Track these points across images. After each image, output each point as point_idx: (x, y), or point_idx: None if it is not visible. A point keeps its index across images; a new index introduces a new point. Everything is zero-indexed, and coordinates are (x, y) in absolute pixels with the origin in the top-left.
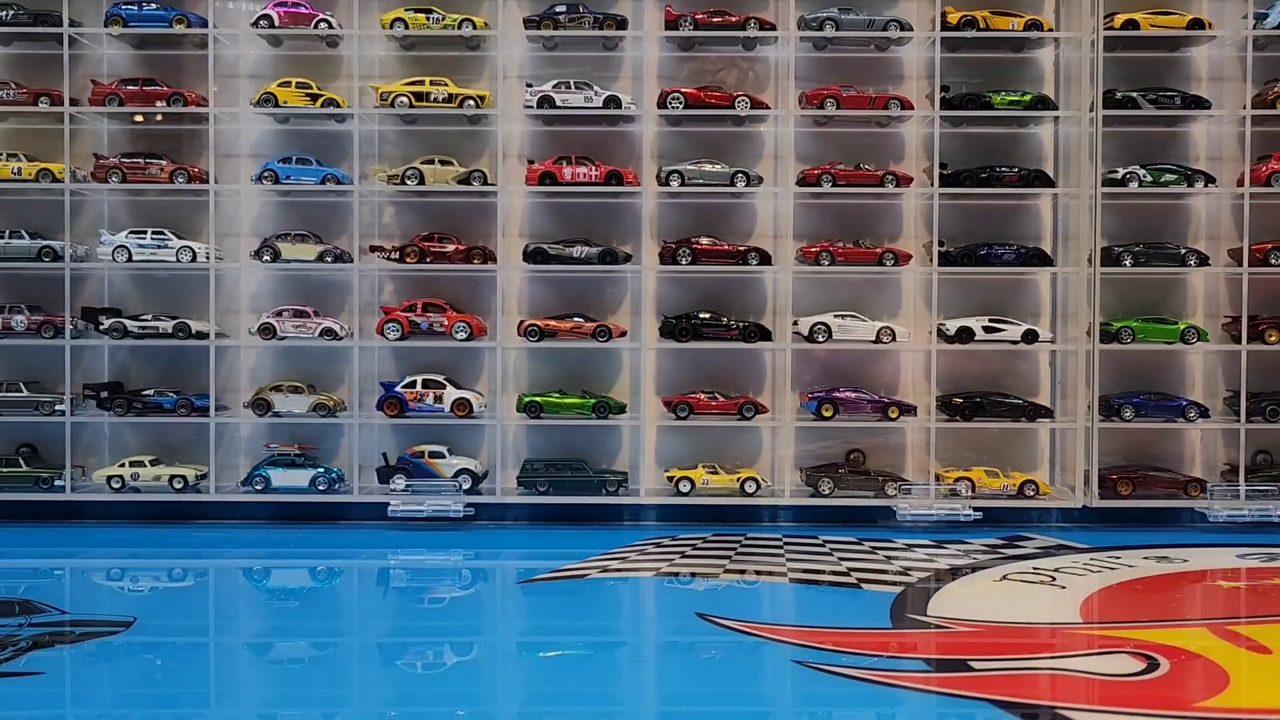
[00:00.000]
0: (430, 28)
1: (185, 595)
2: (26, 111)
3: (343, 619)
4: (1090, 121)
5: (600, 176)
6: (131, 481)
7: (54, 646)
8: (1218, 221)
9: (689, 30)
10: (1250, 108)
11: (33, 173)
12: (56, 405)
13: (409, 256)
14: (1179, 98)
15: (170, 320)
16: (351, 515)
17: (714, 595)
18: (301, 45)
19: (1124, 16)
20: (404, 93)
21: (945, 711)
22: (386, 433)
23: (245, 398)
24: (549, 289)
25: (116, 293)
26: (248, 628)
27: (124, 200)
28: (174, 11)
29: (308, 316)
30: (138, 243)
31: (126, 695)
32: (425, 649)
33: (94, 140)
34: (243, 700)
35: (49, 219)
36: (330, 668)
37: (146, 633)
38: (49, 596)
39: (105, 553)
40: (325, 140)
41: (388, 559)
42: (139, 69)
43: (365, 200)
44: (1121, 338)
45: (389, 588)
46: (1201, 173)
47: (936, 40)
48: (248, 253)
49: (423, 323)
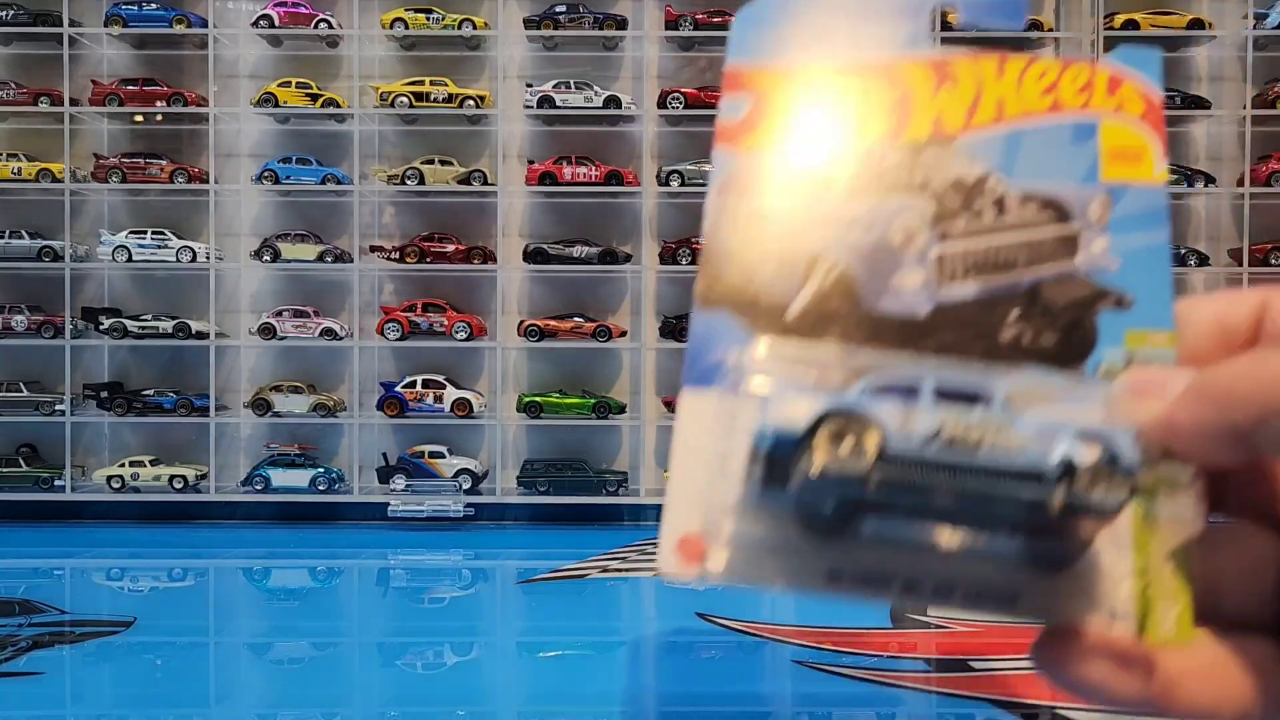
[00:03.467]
0: (430, 28)
1: (185, 595)
2: (26, 112)
3: (342, 619)
4: None
5: (600, 176)
6: (131, 481)
7: (54, 646)
8: (1218, 222)
9: (689, 30)
10: (1250, 107)
11: (33, 173)
12: (56, 405)
13: (409, 256)
14: (1179, 98)
15: (170, 320)
16: (351, 515)
17: (714, 595)
18: (302, 45)
19: (1124, 16)
20: (404, 93)
21: (945, 711)
22: (386, 433)
23: (245, 398)
24: (549, 289)
25: (117, 293)
26: (248, 627)
27: (124, 200)
28: (174, 11)
29: (308, 316)
30: (138, 243)
31: (127, 695)
32: (425, 649)
33: (94, 140)
34: (244, 700)
35: (49, 219)
36: (330, 667)
37: (147, 632)
38: (49, 596)
39: (105, 553)
40: (325, 140)
41: (387, 559)
42: (139, 69)
43: (365, 200)
44: None
45: (388, 588)
46: (1201, 173)
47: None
48: (248, 253)
49: (423, 323)
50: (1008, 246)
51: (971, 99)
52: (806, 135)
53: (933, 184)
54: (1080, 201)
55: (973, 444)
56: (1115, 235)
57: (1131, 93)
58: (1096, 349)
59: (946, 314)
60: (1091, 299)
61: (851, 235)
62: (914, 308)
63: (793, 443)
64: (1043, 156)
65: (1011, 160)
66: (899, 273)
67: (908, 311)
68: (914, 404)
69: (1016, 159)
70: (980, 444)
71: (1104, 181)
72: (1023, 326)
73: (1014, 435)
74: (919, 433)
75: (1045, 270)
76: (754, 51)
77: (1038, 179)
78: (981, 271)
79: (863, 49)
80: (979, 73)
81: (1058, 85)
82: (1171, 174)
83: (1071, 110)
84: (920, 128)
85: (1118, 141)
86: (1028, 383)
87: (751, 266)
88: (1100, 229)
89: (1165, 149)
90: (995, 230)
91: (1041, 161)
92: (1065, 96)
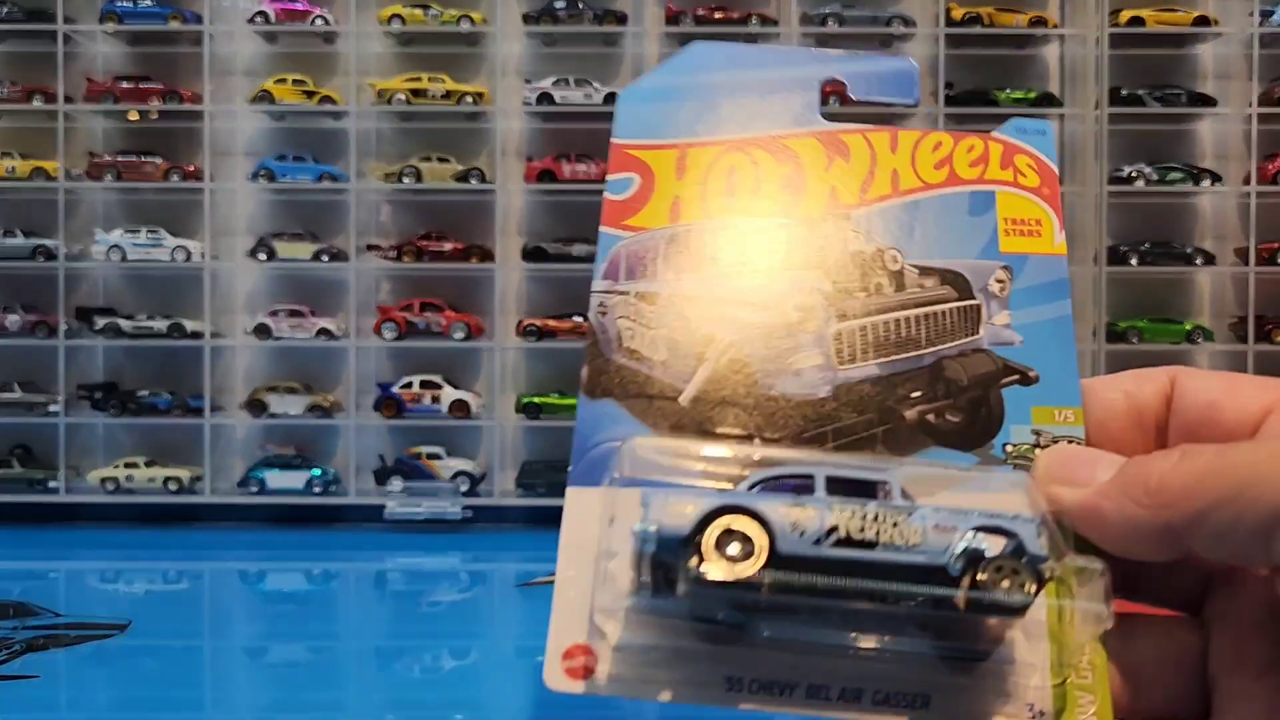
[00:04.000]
0: (428, 23)
1: (181, 598)
2: (20, 110)
3: (339, 622)
4: (1096, 119)
5: (600, 174)
6: (126, 483)
7: (49, 649)
8: (1224, 220)
9: (690, 26)
10: (1256, 105)
11: (26, 171)
12: (50, 406)
13: (406, 255)
14: (1185, 95)
15: (165, 320)
16: (348, 517)
17: None
18: (298, 41)
19: (1130, 13)
20: (401, 89)
21: None
22: (383, 434)
23: (241, 398)
24: (548, 288)
25: (112, 292)
26: (244, 631)
27: (119, 199)
28: (169, 8)
29: (304, 316)
30: (132, 241)
31: (123, 698)
32: (422, 652)
33: (89, 138)
34: (240, 704)
35: (43, 218)
36: (327, 671)
37: (142, 635)
38: (44, 599)
39: (100, 555)
40: (322, 138)
41: (384, 562)
42: (134, 66)
43: (362, 198)
44: (1129, 338)
45: (385, 591)
46: (1207, 171)
47: (940, 36)
48: (243, 251)
49: (420, 322)
50: (908, 322)
51: (866, 172)
52: (696, 213)
53: (829, 259)
54: (981, 274)
55: (869, 541)
56: (1017, 309)
57: (1025, 165)
58: (1003, 428)
59: (847, 394)
60: (996, 375)
61: (746, 314)
62: (813, 389)
63: (679, 545)
64: (940, 229)
65: (909, 233)
66: (797, 353)
67: (807, 393)
68: (807, 499)
69: (914, 232)
70: (877, 540)
71: (1004, 253)
72: (926, 406)
73: (912, 529)
74: (811, 531)
75: (948, 346)
76: (641, 129)
77: (936, 252)
78: (882, 349)
79: (752, 125)
80: (872, 147)
81: (952, 158)
82: (1177, 172)
83: (966, 181)
84: (814, 202)
85: (1016, 213)
86: (927, 470)
87: (640, 352)
88: (1002, 302)
89: (1061, 222)
90: (895, 306)
91: (939, 234)
92: (960, 168)
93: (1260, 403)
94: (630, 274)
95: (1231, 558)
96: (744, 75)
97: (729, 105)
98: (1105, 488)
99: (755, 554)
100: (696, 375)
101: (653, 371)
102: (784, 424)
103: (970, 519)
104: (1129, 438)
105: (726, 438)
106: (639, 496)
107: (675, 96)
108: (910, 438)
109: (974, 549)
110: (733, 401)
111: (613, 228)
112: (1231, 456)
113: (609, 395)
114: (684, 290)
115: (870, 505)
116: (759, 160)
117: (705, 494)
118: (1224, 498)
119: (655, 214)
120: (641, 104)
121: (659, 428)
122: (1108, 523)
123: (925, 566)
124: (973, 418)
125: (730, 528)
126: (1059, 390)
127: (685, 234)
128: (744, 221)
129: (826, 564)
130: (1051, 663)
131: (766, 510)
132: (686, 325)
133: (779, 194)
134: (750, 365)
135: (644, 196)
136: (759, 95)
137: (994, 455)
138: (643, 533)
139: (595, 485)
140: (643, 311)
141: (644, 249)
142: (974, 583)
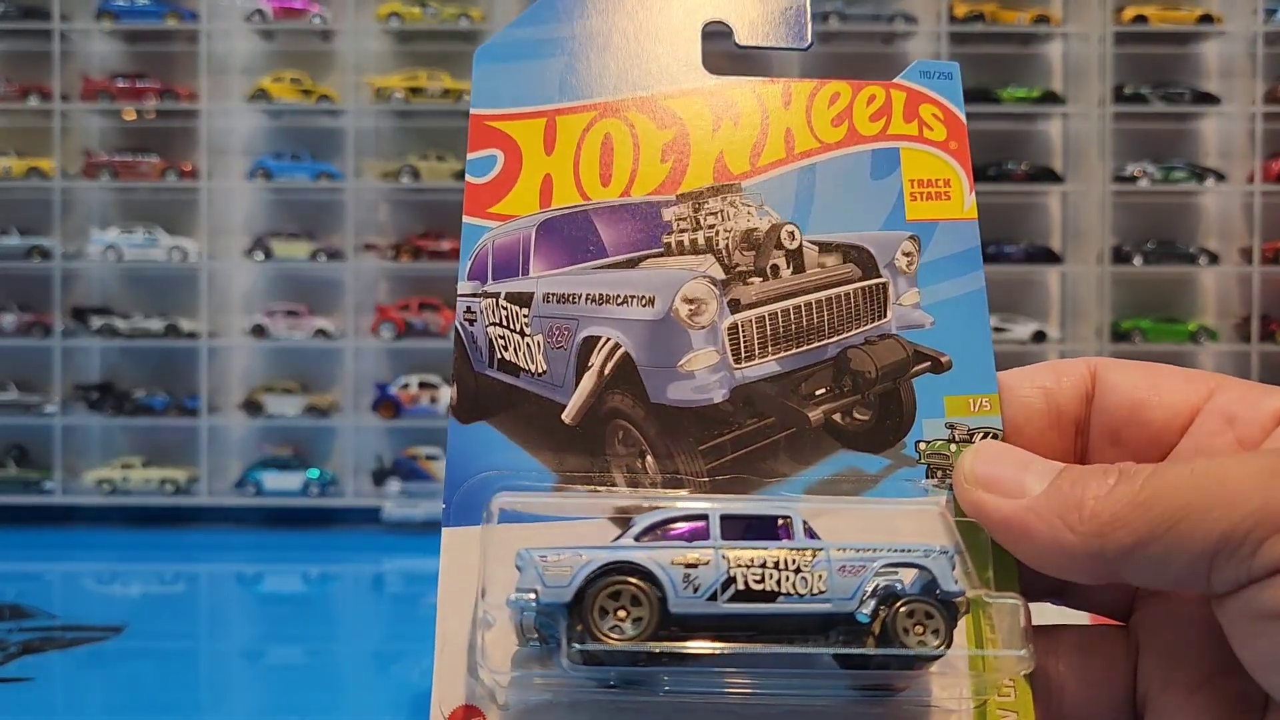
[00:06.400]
0: (426, 21)
1: (177, 600)
2: (16, 109)
3: (336, 625)
4: (1099, 117)
5: None
6: (122, 484)
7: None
8: (1228, 219)
9: None
10: (1261, 103)
11: (22, 170)
12: (46, 407)
13: (404, 254)
14: (1189, 93)
15: (161, 320)
16: (345, 519)
17: None
18: (295, 39)
19: (1133, 11)
20: (399, 87)
21: None
22: (381, 435)
23: (237, 399)
24: None
25: (108, 292)
26: (240, 633)
27: (115, 198)
28: (166, 6)
29: (301, 316)
30: (128, 241)
31: (118, 701)
32: (420, 655)
33: (84, 137)
34: (236, 706)
35: (39, 217)
36: (324, 674)
37: (138, 637)
38: (39, 601)
39: (96, 556)
40: (319, 136)
41: (382, 564)
42: (130, 64)
43: (360, 197)
44: (1132, 338)
45: (383, 593)
46: (1211, 170)
47: (943, 34)
48: (240, 251)
49: (418, 322)
50: (809, 309)
51: (757, 134)
52: (569, 194)
53: (718, 241)
54: (886, 247)
55: (769, 592)
56: (926, 284)
57: (931, 116)
58: (915, 423)
59: (745, 397)
60: (906, 364)
61: (630, 312)
62: (709, 394)
63: (560, 611)
64: (841, 196)
65: (807, 205)
66: (688, 352)
67: (703, 399)
68: (701, 547)
69: (812, 203)
70: (779, 590)
71: (911, 221)
72: (831, 405)
73: (816, 575)
74: (706, 585)
75: (853, 334)
76: (502, 95)
77: (838, 224)
78: (781, 343)
79: (627, 83)
80: (763, 103)
81: (851, 111)
82: (1180, 171)
83: (868, 139)
84: (700, 174)
85: (922, 172)
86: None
87: (516, 364)
88: (910, 278)
89: (972, 181)
90: (794, 291)
91: (840, 203)
92: (860, 123)
93: (1188, 401)
94: (499, 272)
95: (1167, 586)
96: (615, 20)
97: (599, 59)
98: (1036, 504)
99: (645, 619)
100: (580, 387)
101: (531, 386)
102: (678, 436)
103: (879, 557)
104: (1047, 439)
105: (616, 456)
106: (515, 550)
107: (539, 52)
108: (816, 442)
109: (885, 587)
110: (622, 413)
111: (476, 217)
112: (1169, 478)
113: (483, 417)
114: (560, 288)
115: (770, 548)
116: (637, 126)
117: (586, 549)
118: (1160, 528)
119: (523, 198)
120: (501, 63)
121: (541, 452)
122: (1037, 542)
123: (832, 615)
124: (882, 414)
125: (616, 590)
126: (973, 376)
127: (558, 220)
128: (623, 203)
129: (724, 621)
130: (972, 689)
131: (654, 567)
132: (565, 329)
133: (661, 166)
134: (639, 371)
135: (510, 178)
136: (634, 44)
137: (906, 455)
138: (518, 603)
139: (473, 525)
140: (516, 316)
141: (513, 241)
142: (884, 630)
